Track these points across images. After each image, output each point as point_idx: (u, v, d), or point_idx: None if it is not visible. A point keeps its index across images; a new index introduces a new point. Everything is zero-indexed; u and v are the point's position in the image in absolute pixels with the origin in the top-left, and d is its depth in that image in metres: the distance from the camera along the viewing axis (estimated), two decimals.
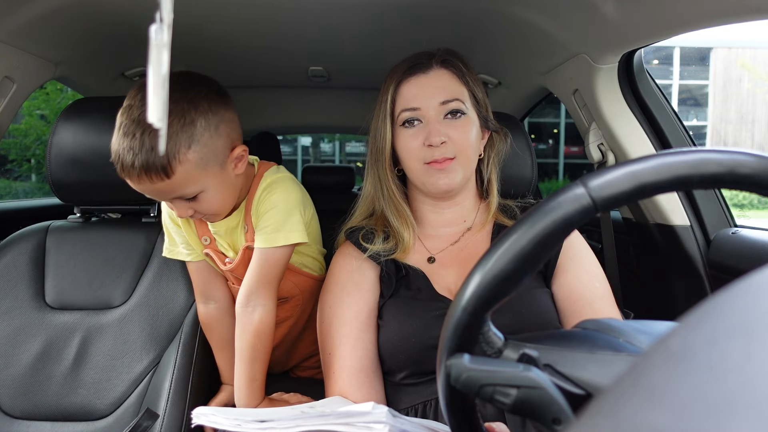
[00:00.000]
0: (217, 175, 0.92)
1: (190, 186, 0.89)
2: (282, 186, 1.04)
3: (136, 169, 0.84)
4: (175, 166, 0.85)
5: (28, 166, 9.72)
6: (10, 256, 1.18)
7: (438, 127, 0.90)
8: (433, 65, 0.94)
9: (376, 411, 0.64)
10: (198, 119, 0.87)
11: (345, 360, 0.90)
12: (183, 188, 0.89)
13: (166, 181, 0.86)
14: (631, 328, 0.48)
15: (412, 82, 0.94)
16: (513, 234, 0.43)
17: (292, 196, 1.04)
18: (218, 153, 0.91)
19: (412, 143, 0.92)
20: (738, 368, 0.17)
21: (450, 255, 0.97)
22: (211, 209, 0.95)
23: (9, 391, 1.10)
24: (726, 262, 1.24)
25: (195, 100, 0.87)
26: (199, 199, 0.92)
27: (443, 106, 0.92)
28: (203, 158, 0.88)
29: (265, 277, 1.01)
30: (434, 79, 0.93)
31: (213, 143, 0.90)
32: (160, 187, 0.87)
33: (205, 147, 0.88)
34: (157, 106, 0.35)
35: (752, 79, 18.35)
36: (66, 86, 1.77)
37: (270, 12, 1.28)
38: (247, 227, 1.05)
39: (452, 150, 0.91)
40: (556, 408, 0.40)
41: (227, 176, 0.95)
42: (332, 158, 18.25)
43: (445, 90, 0.92)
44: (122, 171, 0.87)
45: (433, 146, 0.90)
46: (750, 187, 0.41)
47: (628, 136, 1.33)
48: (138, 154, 0.83)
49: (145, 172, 0.84)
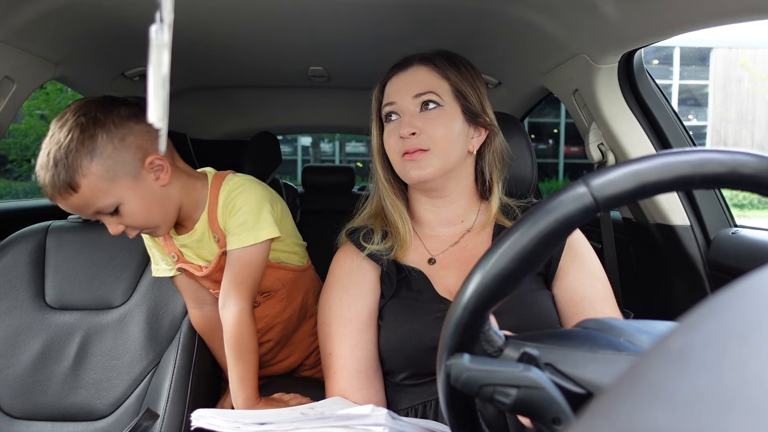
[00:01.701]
0: (131, 187, 0.93)
1: (103, 199, 0.91)
2: (244, 187, 1.06)
3: (47, 186, 0.89)
4: (78, 179, 0.88)
5: (28, 166, 9.71)
6: (10, 256, 1.18)
7: (410, 119, 0.92)
8: (413, 63, 0.97)
9: (376, 413, 0.64)
10: (99, 133, 0.90)
11: (345, 360, 0.90)
12: (96, 201, 0.91)
13: (75, 195, 0.89)
14: (631, 328, 0.48)
15: (393, 80, 0.97)
16: (514, 233, 0.43)
17: (257, 194, 1.07)
18: (126, 164, 0.92)
19: (391, 137, 0.95)
20: (738, 368, 0.17)
21: (450, 256, 0.97)
22: (136, 222, 0.96)
23: (9, 391, 1.10)
24: (726, 262, 1.24)
25: (97, 118, 0.91)
26: (121, 212, 0.94)
27: (416, 99, 0.93)
28: (109, 170, 0.90)
29: (238, 278, 1.02)
30: (411, 75, 0.96)
31: (119, 155, 0.91)
32: (74, 203, 0.91)
33: (109, 159, 0.90)
34: (157, 106, 0.35)
35: (752, 79, 18.36)
36: (66, 86, 1.77)
37: (270, 12, 1.28)
38: (217, 235, 1.07)
39: (425, 141, 0.91)
40: (556, 408, 0.40)
41: (147, 187, 0.96)
42: (332, 158, 18.26)
43: (419, 84, 0.94)
44: (44, 191, 0.91)
45: (404, 138, 0.92)
46: (751, 188, 0.41)
47: (628, 136, 1.33)
48: (46, 173, 0.89)
49: (54, 189, 0.89)
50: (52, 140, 0.90)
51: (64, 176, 0.87)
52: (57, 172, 0.87)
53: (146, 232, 1.01)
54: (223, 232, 1.06)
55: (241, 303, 1.01)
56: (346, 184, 2.73)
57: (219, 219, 1.05)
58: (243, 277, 1.02)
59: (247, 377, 1.01)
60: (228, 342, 1.01)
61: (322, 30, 1.41)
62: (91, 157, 0.89)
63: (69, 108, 0.94)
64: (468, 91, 0.96)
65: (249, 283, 1.03)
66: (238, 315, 1.01)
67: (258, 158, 2.03)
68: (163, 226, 1.01)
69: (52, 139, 0.90)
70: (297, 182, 3.41)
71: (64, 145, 0.88)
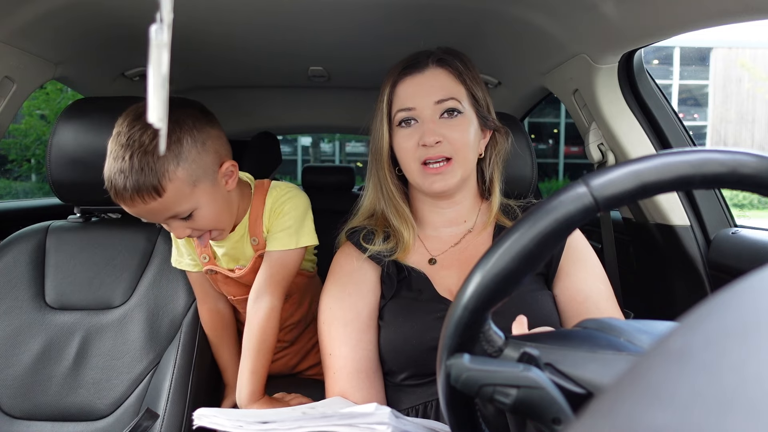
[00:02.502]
0: (208, 192, 0.94)
1: (183, 204, 0.91)
2: (292, 194, 1.10)
3: (128, 191, 0.85)
4: (165, 184, 0.86)
5: (28, 166, 9.72)
6: (10, 256, 1.18)
7: (433, 126, 0.90)
8: (429, 64, 0.94)
9: (379, 412, 0.64)
10: (184, 136, 0.88)
11: (345, 360, 0.90)
12: (176, 206, 0.90)
13: (159, 200, 0.87)
14: (632, 328, 0.48)
15: (407, 82, 0.94)
16: (514, 233, 0.43)
17: (303, 202, 1.11)
18: (207, 169, 0.93)
19: (408, 143, 0.92)
20: (738, 368, 0.17)
21: (451, 257, 0.97)
22: (207, 226, 0.97)
23: (9, 391, 1.10)
24: (726, 262, 1.23)
25: (180, 120, 0.89)
26: (194, 217, 0.93)
27: (438, 105, 0.91)
28: (192, 175, 0.90)
29: (275, 277, 1.05)
30: (430, 78, 0.93)
31: (201, 159, 0.91)
32: (153, 208, 0.88)
33: (193, 163, 0.90)
34: (157, 106, 0.35)
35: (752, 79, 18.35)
36: (66, 86, 1.77)
37: (270, 12, 1.28)
38: (257, 239, 1.09)
39: (449, 149, 0.90)
40: (556, 408, 0.40)
41: (219, 192, 0.97)
42: (332, 158, 18.25)
43: (440, 89, 0.92)
44: (116, 196, 0.88)
45: (427, 146, 0.89)
46: (751, 188, 0.41)
47: (628, 136, 1.33)
48: (129, 177, 0.85)
49: (137, 193, 0.85)
50: (131, 142, 0.85)
51: (151, 180, 0.85)
52: (144, 175, 0.84)
53: (212, 236, 1.01)
54: (264, 235, 1.08)
55: (273, 300, 1.04)
56: (346, 184, 2.73)
57: (264, 222, 1.07)
58: (279, 277, 1.05)
59: (258, 372, 1.02)
60: (251, 334, 1.03)
61: (322, 30, 1.41)
62: (178, 162, 0.87)
63: (138, 107, 0.90)
64: (479, 94, 0.95)
65: (282, 283, 1.05)
66: (269, 310, 1.03)
67: (258, 158, 2.03)
68: (228, 229, 1.03)
69: (131, 141, 0.85)
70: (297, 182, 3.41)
71: (150, 149, 0.84)
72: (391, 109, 0.95)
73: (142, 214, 0.91)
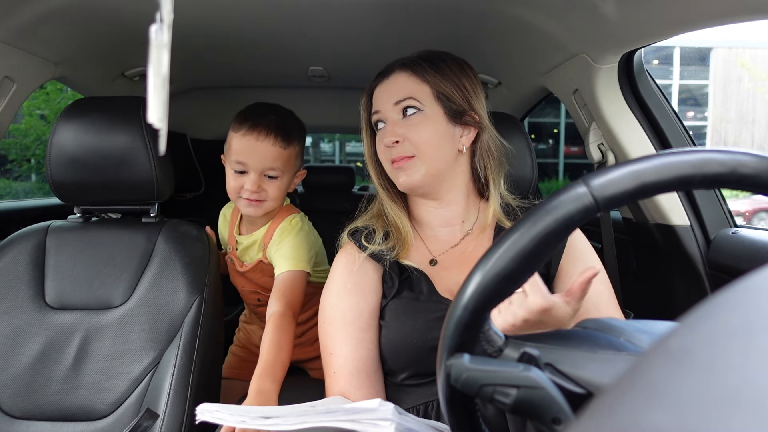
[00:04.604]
0: (289, 175, 1.27)
1: (283, 165, 1.23)
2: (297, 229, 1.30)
3: (273, 126, 1.20)
4: (292, 140, 1.23)
5: (28, 166, 9.71)
6: (10, 256, 1.18)
7: (392, 127, 0.94)
8: (394, 69, 0.98)
9: (383, 408, 0.64)
10: (295, 133, 1.26)
11: (346, 360, 0.90)
12: (280, 161, 1.22)
13: (279, 149, 1.21)
14: (632, 328, 0.48)
15: (378, 89, 0.99)
16: (514, 233, 0.43)
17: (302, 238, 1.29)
18: (297, 163, 1.29)
19: (380, 145, 0.98)
20: (738, 368, 0.17)
21: (451, 257, 0.97)
22: (272, 194, 1.24)
23: (9, 391, 1.10)
24: (726, 262, 1.24)
25: (300, 126, 1.31)
26: (273, 182, 1.23)
27: (397, 106, 0.95)
28: (296, 156, 1.27)
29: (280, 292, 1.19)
30: (392, 82, 0.97)
31: (299, 155, 1.29)
32: (274, 151, 1.21)
33: (299, 152, 1.28)
34: (157, 106, 0.35)
35: (752, 79, 18.35)
36: (66, 86, 1.77)
37: (270, 12, 1.28)
38: (264, 246, 1.32)
39: (409, 148, 0.93)
40: (556, 408, 0.40)
41: (288, 183, 1.28)
42: (332, 158, 18.25)
43: (398, 91, 0.95)
44: (254, 127, 1.20)
45: (387, 146, 0.94)
46: (751, 188, 0.41)
47: (628, 136, 1.33)
48: (277, 118, 1.23)
49: (275, 131, 1.20)
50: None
51: (290, 128, 1.24)
52: (286, 122, 1.24)
53: (264, 202, 1.25)
54: (268, 250, 1.30)
55: (281, 308, 1.14)
56: (346, 184, 2.73)
57: (273, 241, 1.29)
58: (283, 292, 1.19)
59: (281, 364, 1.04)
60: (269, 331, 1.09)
61: (322, 30, 1.41)
62: (298, 140, 1.27)
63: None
64: (450, 91, 0.95)
65: (288, 296, 1.19)
66: (275, 314, 1.12)
67: None
68: (270, 210, 1.29)
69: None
70: None
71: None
72: (369, 115, 1.01)
73: (260, 152, 1.20)
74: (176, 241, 1.20)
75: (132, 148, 1.15)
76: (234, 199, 1.28)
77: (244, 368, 1.46)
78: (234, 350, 1.54)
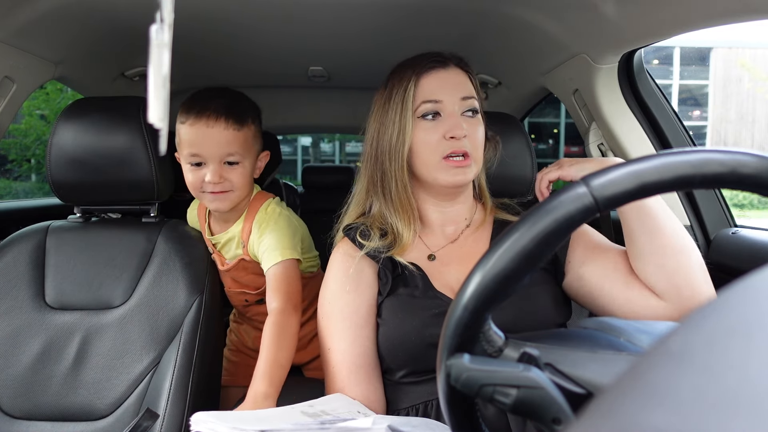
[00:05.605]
0: (250, 160, 1.18)
1: (241, 149, 1.14)
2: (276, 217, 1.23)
3: (222, 110, 1.11)
4: (246, 120, 1.14)
5: (28, 166, 9.72)
6: (10, 256, 1.18)
7: (458, 120, 0.91)
8: (452, 64, 0.96)
9: (376, 427, 0.64)
10: (248, 113, 1.18)
11: (344, 355, 0.90)
12: (237, 145, 1.13)
13: (234, 132, 1.12)
14: (632, 328, 0.48)
15: (432, 75, 0.93)
16: (514, 233, 0.43)
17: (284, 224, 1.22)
18: (256, 145, 1.20)
19: (431, 136, 0.91)
20: (738, 368, 0.17)
21: (450, 252, 0.97)
22: (237, 183, 1.15)
23: (9, 391, 1.10)
24: (726, 262, 1.23)
25: (253, 106, 1.22)
26: (234, 168, 1.14)
27: (464, 102, 0.93)
28: (254, 137, 1.18)
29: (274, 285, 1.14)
30: (453, 75, 0.94)
31: (256, 135, 1.20)
32: (227, 135, 1.11)
33: (256, 132, 1.19)
34: (157, 106, 0.35)
35: (752, 79, 18.35)
36: (66, 86, 1.77)
37: (270, 12, 1.28)
38: (244, 243, 1.23)
39: (469, 146, 0.92)
40: (556, 408, 0.40)
41: (251, 167, 1.19)
42: (332, 158, 18.25)
43: (465, 87, 0.94)
44: (202, 112, 1.10)
45: (455, 138, 0.90)
46: (751, 188, 0.41)
47: (628, 136, 1.33)
48: (225, 100, 1.14)
49: (226, 114, 1.11)
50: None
51: (241, 109, 1.15)
52: (237, 104, 1.16)
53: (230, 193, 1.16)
54: (250, 247, 1.22)
55: (280, 304, 1.10)
56: (346, 184, 2.73)
57: (252, 235, 1.21)
58: (278, 286, 1.14)
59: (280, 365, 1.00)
60: (267, 330, 1.06)
61: (321, 30, 1.41)
62: (253, 119, 1.18)
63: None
64: (480, 99, 0.99)
65: (284, 289, 1.14)
66: (274, 311, 1.09)
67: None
68: (236, 202, 1.20)
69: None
70: (297, 182, 3.41)
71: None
72: (414, 101, 0.92)
73: (214, 139, 1.11)
74: (176, 241, 1.20)
75: (132, 148, 1.15)
76: (197, 195, 1.18)
77: (240, 374, 1.39)
78: (228, 355, 1.45)
